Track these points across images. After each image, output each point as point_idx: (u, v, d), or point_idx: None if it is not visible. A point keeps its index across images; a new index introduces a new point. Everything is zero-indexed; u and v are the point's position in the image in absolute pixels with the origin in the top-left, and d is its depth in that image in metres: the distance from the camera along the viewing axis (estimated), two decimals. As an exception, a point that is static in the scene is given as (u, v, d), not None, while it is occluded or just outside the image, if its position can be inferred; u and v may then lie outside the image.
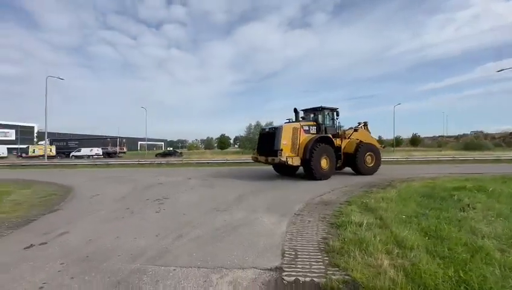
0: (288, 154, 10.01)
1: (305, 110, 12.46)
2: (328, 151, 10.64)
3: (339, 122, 12.23)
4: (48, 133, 29.38)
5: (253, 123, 47.75)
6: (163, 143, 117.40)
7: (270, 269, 2.92)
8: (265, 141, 11.06)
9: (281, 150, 9.81)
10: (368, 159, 11.97)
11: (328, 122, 11.88)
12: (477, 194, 6.09)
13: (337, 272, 2.80)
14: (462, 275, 2.41)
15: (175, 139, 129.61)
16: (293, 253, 3.36)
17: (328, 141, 10.94)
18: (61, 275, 2.83)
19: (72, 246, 3.68)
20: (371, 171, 11.96)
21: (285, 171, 12.12)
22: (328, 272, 2.82)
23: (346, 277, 2.68)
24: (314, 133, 11.06)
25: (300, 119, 12.01)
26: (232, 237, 4.00)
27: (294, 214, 5.24)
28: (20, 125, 78.77)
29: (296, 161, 10.03)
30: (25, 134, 74.59)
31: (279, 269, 2.93)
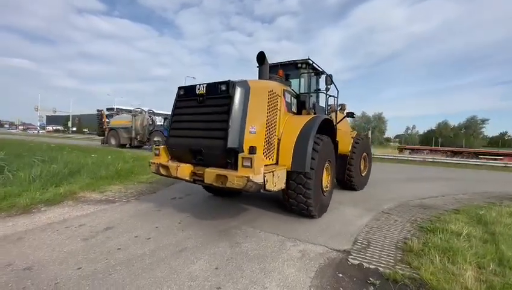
0: (265, 162, 3.63)
1: (273, 66, 5.61)
2: (329, 152, 4.84)
3: (335, 97, 5.98)
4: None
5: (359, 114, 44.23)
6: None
7: (338, 250, 3.26)
8: (191, 122, 3.99)
9: (253, 149, 3.23)
10: (362, 163, 7.40)
11: (309, 90, 5.78)
12: None
13: (406, 269, 2.82)
14: None
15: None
16: (366, 243, 3.52)
17: (329, 131, 5.05)
18: (189, 217, 4.24)
19: (194, 203, 5.24)
20: (363, 183, 7.54)
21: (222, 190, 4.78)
22: (397, 266, 2.88)
23: (415, 275, 2.68)
24: (295, 113, 5.06)
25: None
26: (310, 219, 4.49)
27: (381, 212, 5.09)
28: (164, 114, 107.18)
29: (281, 180, 3.78)
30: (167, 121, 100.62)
31: (346, 252, 3.23)
